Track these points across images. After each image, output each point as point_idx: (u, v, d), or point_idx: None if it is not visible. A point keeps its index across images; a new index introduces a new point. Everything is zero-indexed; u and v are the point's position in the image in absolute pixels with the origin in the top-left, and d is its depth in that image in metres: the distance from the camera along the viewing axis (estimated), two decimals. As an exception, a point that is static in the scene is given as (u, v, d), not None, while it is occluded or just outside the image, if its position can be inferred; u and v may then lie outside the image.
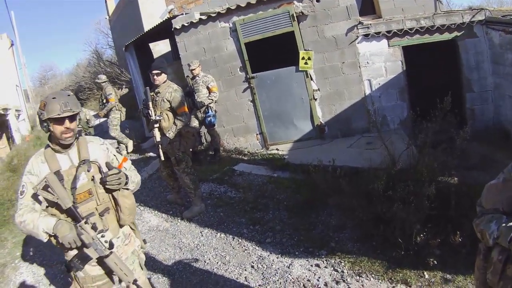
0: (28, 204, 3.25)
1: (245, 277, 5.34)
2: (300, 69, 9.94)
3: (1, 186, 10.31)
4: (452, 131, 6.10)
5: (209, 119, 9.59)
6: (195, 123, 9.73)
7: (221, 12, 10.20)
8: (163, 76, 6.86)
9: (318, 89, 9.98)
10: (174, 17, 10.83)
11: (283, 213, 6.85)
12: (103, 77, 12.07)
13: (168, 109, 6.78)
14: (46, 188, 3.13)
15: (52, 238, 3.20)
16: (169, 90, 6.77)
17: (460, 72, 9.43)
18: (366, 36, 9.59)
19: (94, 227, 3.19)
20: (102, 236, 3.22)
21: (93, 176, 3.35)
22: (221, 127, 10.67)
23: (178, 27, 10.65)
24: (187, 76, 10.12)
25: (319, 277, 5.07)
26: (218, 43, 10.48)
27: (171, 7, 12.16)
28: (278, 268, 5.39)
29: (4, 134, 17.24)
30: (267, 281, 5.18)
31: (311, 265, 5.34)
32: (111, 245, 3.25)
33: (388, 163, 6.76)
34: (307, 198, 7.02)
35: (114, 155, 3.66)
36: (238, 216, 7.03)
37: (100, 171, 3.38)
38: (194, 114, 9.65)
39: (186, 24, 10.55)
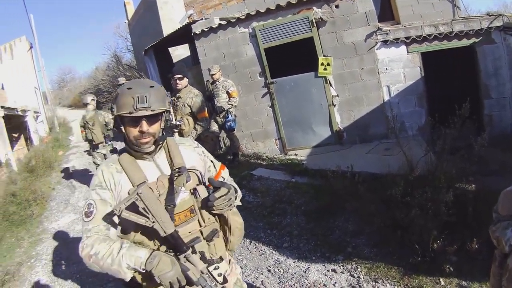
0: (100, 229, 2.39)
1: (262, 281, 5.37)
2: (319, 75, 9.95)
3: (19, 187, 10.50)
4: (470, 137, 6.10)
5: (229, 123, 9.59)
6: (214, 127, 9.79)
7: (241, 17, 10.28)
8: (185, 81, 6.92)
9: (337, 95, 10.01)
10: (194, 22, 10.93)
11: (300, 218, 6.87)
12: (123, 80, 12.20)
13: (189, 114, 6.84)
14: (135, 207, 2.32)
15: (137, 274, 2.35)
16: (190, 95, 6.82)
17: (478, 78, 9.39)
18: (385, 42, 9.59)
19: (203, 258, 2.42)
20: (216, 269, 2.43)
21: (193, 189, 2.58)
22: (240, 132, 10.71)
23: (197, 32, 10.76)
24: (207, 80, 10.18)
25: (335, 282, 5.08)
26: (237, 48, 10.56)
27: (190, 12, 12.27)
28: (295, 273, 5.42)
29: (22, 136, 17.49)
30: (283, 286, 5.21)
31: (328, 270, 5.36)
32: (225, 280, 2.46)
33: (406, 169, 6.77)
34: (325, 203, 7.03)
35: (211, 161, 2.87)
36: (255, 221, 7.06)
37: (202, 182, 2.67)
38: (214, 118, 9.73)
39: (206, 29, 10.66)
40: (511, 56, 9.00)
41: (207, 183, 2.62)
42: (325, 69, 9.87)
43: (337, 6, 9.70)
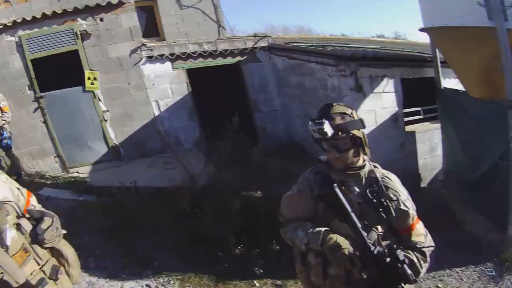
0: None
1: (79, 304, 5.29)
2: (86, 89, 9.80)
3: None
4: (246, 148, 6.72)
5: (5, 141, 8.74)
6: (-11, 145, 9.01)
7: (8, 24, 9.56)
8: None
9: (108, 110, 9.98)
10: (-46, 25, 9.97)
11: (99, 237, 6.79)
12: None
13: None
14: None
15: None
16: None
17: (247, 94, 10.24)
18: (150, 58, 9.91)
19: None
20: None
21: (17, 224, 2.22)
22: (18, 150, 9.83)
23: (-42, 38, 9.82)
24: (-26, 94, 9.41)
25: (153, 297, 5.23)
26: (4, 59, 9.72)
27: None
28: (111, 292, 5.42)
29: None
30: (103, 306, 5.20)
31: (142, 286, 5.50)
32: None
33: (189, 181, 7.17)
34: (118, 221, 7.02)
35: (18, 189, 2.50)
36: (52, 244, 6.79)
37: (21, 215, 2.30)
38: (-13, 136, 8.95)
39: (-32, 35, 9.76)
40: (277, 74, 10.05)
41: (25, 215, 2.34)
42: (92, 83, 9.78)
43: (101, 19, 9.69)
